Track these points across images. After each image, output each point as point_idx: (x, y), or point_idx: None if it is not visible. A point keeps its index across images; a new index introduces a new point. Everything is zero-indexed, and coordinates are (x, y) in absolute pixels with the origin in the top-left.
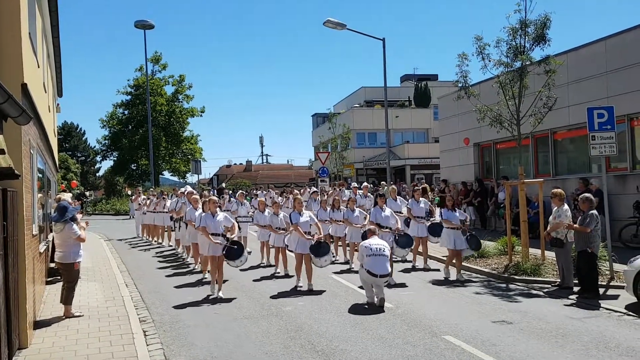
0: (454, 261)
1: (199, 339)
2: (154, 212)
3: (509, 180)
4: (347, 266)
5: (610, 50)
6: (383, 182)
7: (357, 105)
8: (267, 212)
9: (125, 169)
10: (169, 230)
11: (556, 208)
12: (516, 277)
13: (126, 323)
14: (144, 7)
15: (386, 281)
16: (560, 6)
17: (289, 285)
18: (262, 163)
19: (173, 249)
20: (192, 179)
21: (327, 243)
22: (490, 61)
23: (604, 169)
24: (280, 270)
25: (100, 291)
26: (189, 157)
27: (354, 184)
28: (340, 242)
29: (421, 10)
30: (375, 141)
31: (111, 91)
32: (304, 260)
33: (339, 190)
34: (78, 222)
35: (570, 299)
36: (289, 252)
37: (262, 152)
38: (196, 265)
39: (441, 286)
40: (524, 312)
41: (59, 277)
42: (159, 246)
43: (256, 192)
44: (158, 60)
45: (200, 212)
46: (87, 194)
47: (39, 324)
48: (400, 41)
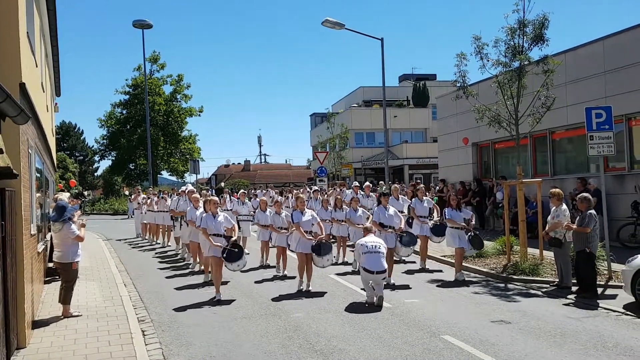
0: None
1: (197, 339)
2: (155, 211)
3: (508, 180)
4: (349, 267)
5: (608, 50)
6: (382, 182)
7: (356, 105)
8: (268, 211)
9: (123, 169)
10: (169, 229)
11: (554, 208)
12: (515, 276)
13: (125, 323)
14: (143, 7)
15: (383, 278)
16: (558, 6)
17: (288, 286)
18: (260, 163)
19: (174, 249)
20: (190, 178)
21: (329, 243)
22: (488, 61)
23: (602, 169)
24: (281, 271)
25: (99, 291)
26: (187, 156)
27: (355, 183)
28: (342, 242)
29: (420, 10)
30: (373, 141)
31: (109, 91)
32: (306, 259)
33: (339, 191)
34: (74, 220)
35: (568, 298)
36: (289, 252)
37: (260, 152)
38: (195, 264)
39: (440, 286)
40: (522, 311)
41: (57, 277)
42: (160, 246)
43: (256, 192)
44: (156, 59)
45: (201, 211)
46: (86, 193)
47: (37, 324)
48: (398, 41)
